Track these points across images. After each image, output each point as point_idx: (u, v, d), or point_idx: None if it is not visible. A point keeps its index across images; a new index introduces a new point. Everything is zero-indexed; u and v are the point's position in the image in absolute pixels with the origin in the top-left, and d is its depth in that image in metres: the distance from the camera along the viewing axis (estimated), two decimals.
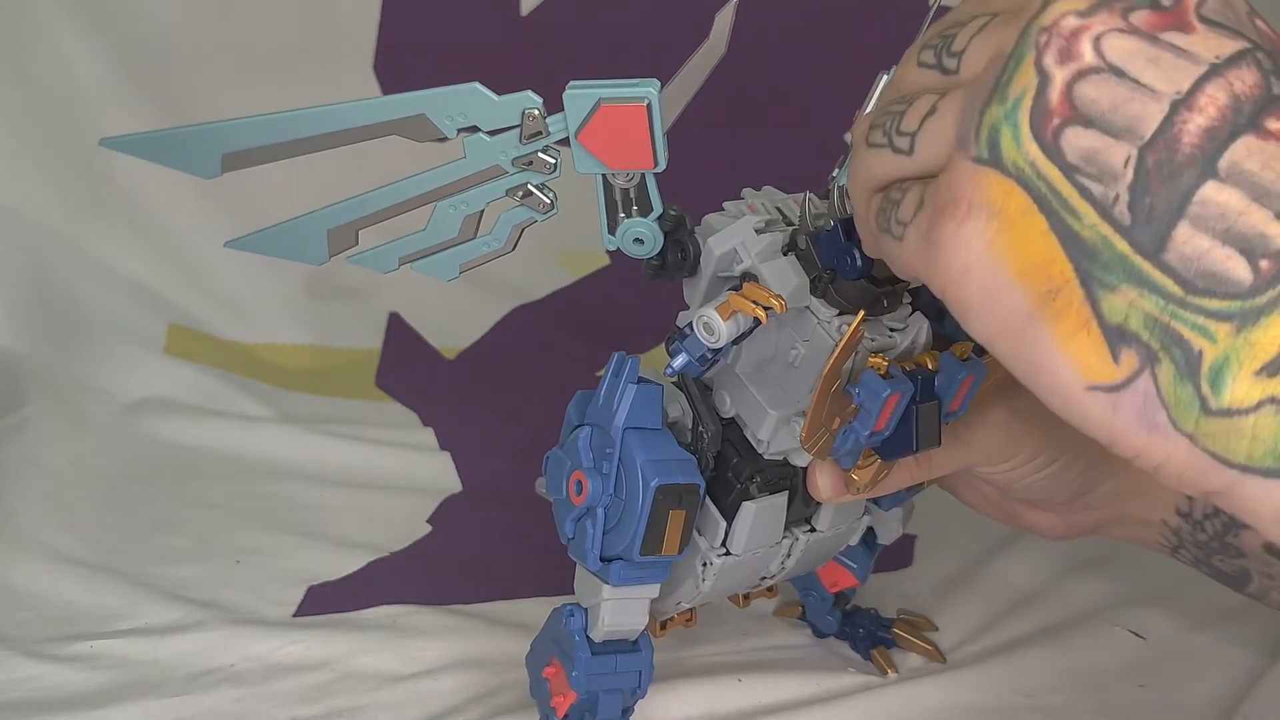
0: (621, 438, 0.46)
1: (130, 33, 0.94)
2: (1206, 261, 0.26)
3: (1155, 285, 0.27)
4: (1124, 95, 0.27)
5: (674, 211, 0.44)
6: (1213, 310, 0.27)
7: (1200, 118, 0.27)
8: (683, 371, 0.44)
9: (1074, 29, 0.28)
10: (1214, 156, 0.26)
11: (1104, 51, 0.27)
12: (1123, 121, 0.27)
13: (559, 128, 0.42)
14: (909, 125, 0.31)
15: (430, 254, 0.46)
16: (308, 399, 0.91)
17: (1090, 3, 0.28)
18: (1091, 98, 0.27)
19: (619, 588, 0.48)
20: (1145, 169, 0.27)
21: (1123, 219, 0.27)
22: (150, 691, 0.58)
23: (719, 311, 0.43)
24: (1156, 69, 0.27)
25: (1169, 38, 0.27)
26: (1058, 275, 0.28)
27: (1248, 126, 0.26)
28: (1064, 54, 0.28)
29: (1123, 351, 0.27)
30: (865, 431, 0.41)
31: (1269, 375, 0.26)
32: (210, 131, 0.42)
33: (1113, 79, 0.27)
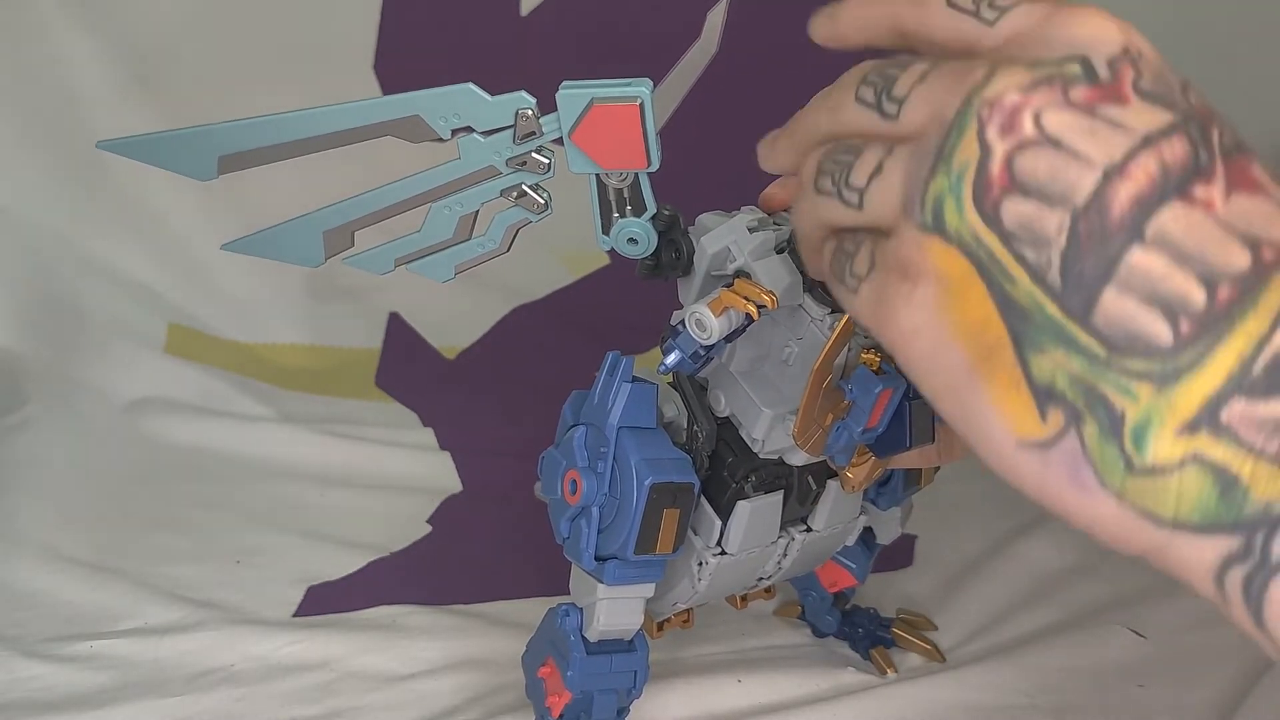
0: (616, 436, 0.46)
1: (131, 33, 0.94)
2: (1131, 323, 0.27)
3: (1081, 347, 0.28)
4: (1060, 164, 0.28)
5: (667, 211, 0.44)
6: (1135, 370, 0.27)
7: (1131, 185, 0.28)
8: (676, 369, 0.44)
9: (1016, 104, 0.29)
10: (1142, 222, 0.27)
11: (1044, 125, 0.28)
12: (1058, 189, 0.28)
13: (552, 128, 0.42)
14: (857, 180, 0.32)
15: (426, 255, 0.46)
16: (308, 399, 0.91)
17: (1032, 78, 0.29)
18: (1030, 168, 0.28)
19: (614, 587, 0.48)
20: (1078, 235, 0.28)
21: (1055, 284, 0.28)
22: (150, 691, 0.58)
23: (711, 308, 0.43)
24: (1092, 139, 0.28)
25: (1106, 111, 0.28)
26: (993, 336, 0.29)
27: (1175, 194, 0.28)
28: (1005, 128, 0.29)
29: (1050, 410, 0.28)
30: (858, 428, 0.41)
31: (1191, 433, 0.27)
32: (205, 134, 0.42)
33: (1050, 149, 0.28)
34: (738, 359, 0.47)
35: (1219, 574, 0.27)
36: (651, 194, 0.43)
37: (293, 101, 0.43)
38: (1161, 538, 0.28)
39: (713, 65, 0.43)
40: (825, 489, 0.51)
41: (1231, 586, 0.27)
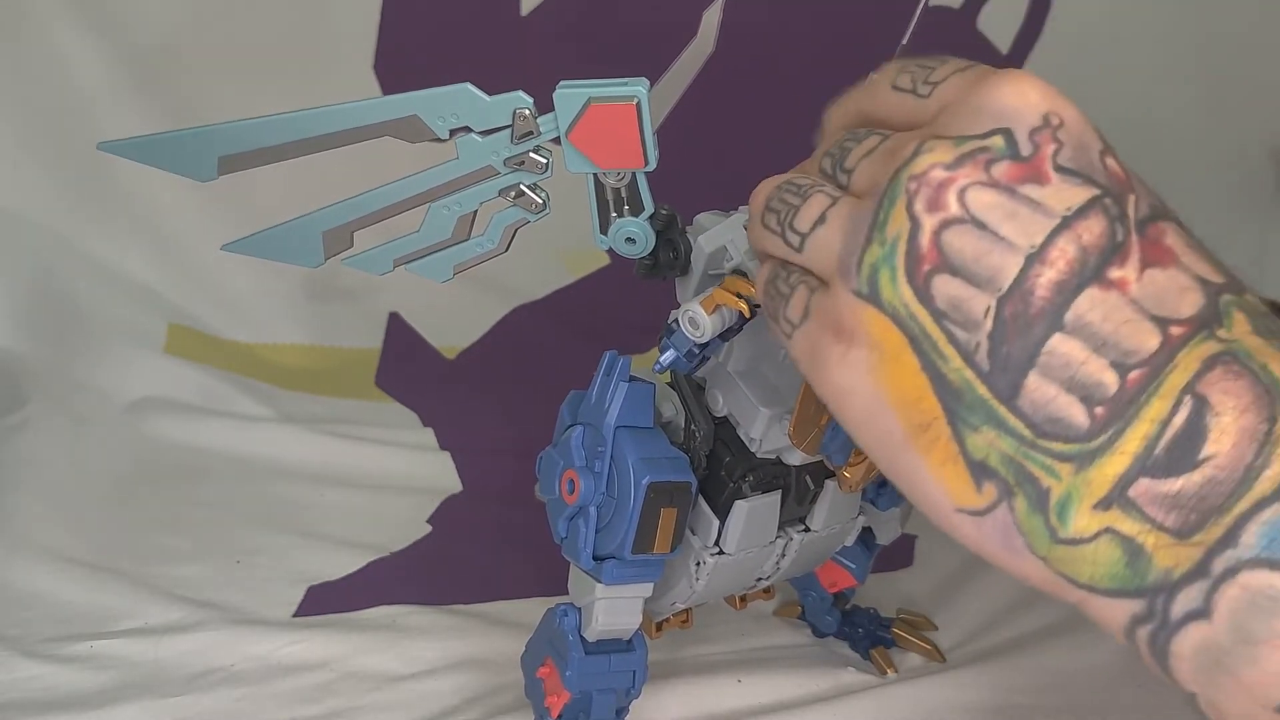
0: (613, 436, 0.46)
1: (131, 33, 0.94)
2: (1052, 408, 0.29)
3: (1010, 428, 0.30)
4: (985, 247, 0.29)
5: (665, 210, 0.44)
6: (1057, 452, 0.29)
7: (1051, 271, 0.29)
8: (672, 367, 0.44)
9: (941, 180, 0.30)
10: (1061, 309, 0.29)
11: (967, 203, 0.30)
12: (984, 273, 0.29)
13: (550, 127, 0.42)
14: (801, 225, 0.33)
15: (424, 255, 0.46)
16: (308, 399, 0.91)
17: (955, 155, 0.30)
18: (957, 248, 0.30)
19: (612, 586, 0.48)
20: (1003, 320, 0.29)
21: (983, 365, 0.30)
22: (150, 691, 0.58)
23: (703, 306, 0.43)
24: (1014, 222, 0.29)
25: (1026, 190, 0.30)
26: (928, 411, 0.30)
27: (1092, 278, 0.29)
28: (932, 203, 0.30)
29: (985, 483, 0.30)
30: None
31: (1104, 509, 0.29)
32: (205, 135, 0.42)
33: (975, 231, 0.30)
34: (735, 358, 0.47)
35: (1129, 630, 0.30)
36: (649, 193, 0.43)
37: (293, 102, 0.43)
38: (1079, 595, 0.30)
39: (710, 64, 0.43)
40: (823, 489, 0.51)
41: (1140, 641, 0.30)
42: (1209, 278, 0.30)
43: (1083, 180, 0.30)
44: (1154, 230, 0.30)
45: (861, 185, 0.32)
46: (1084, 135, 0.31)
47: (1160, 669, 0.30)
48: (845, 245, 0.31)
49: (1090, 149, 0.30)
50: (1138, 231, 0.30)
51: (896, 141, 0.32)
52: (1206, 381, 0.29)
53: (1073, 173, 0.30)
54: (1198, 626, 0.29)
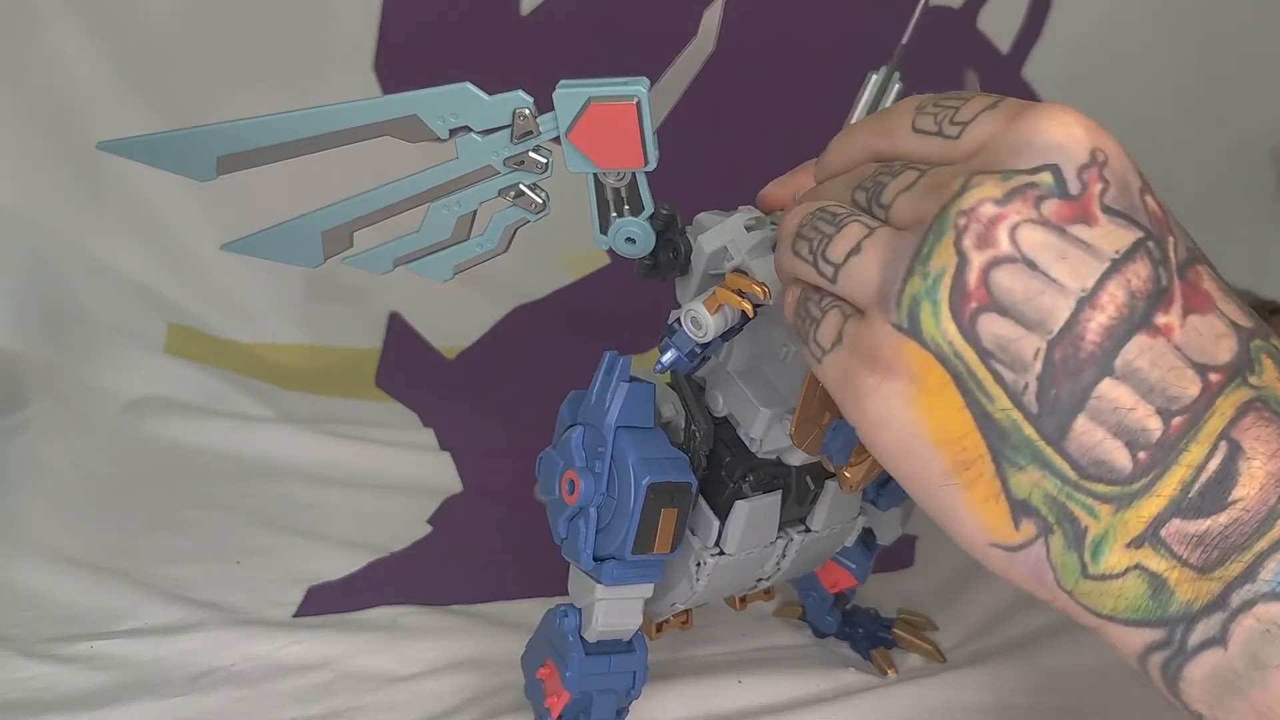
0: (613, 436, 0.46)
1: (130, 33, 0.94)
2: (1098, 451, 0.30)
3: (1055, 469, 0.30)
4: (1036, 288, 0.30)
5: (665, 210, 0.44)
6: (1099, 493, 0.30)
7: (1101, 316, 0.29)
8: (673, 368, 0.44)
9: (991, 216, 0.30)
10: (1111, 354, 0.30)
11: (1019, 242, 0.30)
12: (1034, 314, 0.30)
13: (550, 127, 0.42)
14: (834, 255, 0.33)
15: (424, 255, 0.46)
16: (308, 399, 0.91)
17: (1005, 190, 0.30)
18: (1006, 287, 0.30)
19: (612, 587, 0.48)
20: (1052, 363, 0.30)
21: (1031, 407, 0.30)
22: (150, 692, 0.58)
23: (706, 305, 0.43)
24: (1065, 264, 0.30)
25: (1076, 231, 0.30)
26: (972, 449, 0.31)
27: (1140, 324, 0.30)
28: (981, 240, 0.30)
29: (1024, 521, 0.31)
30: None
31: (1135, 547, 0.30)
32: (204, 134, 0.42)
33: (1026, 270, 0.30)
34: (735, 358, 0.47)
35: (1142, 657, 0.31)
36: (649, 193, 0.43)
37: (292, 101, 0.43)
38: (1098, 623, 0.31)
39: (710, 64, 0.43)
40: (823, 489, 0.51)
41: (1152, 667, 0.31)
42: (1240, 323, 0.31)
43: (1127, 222, 0.30)
44: (1193, 274, 0.31)
45: (904, 218, 0.32)
46: (1126, 174, 0.31)
47: (1169, 691, 0.31)
48: (884, 276, 0.31)
49: (1132, 188, 0.31)
50: (1179, 276, 0.30)
51: (939, 176, 0.32)
52: (1240, 428, 0.30)
53: (1118, 214, 0.30)
54: (1212, 654, 0.30)
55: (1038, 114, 0.31)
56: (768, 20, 0.94)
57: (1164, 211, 0.31)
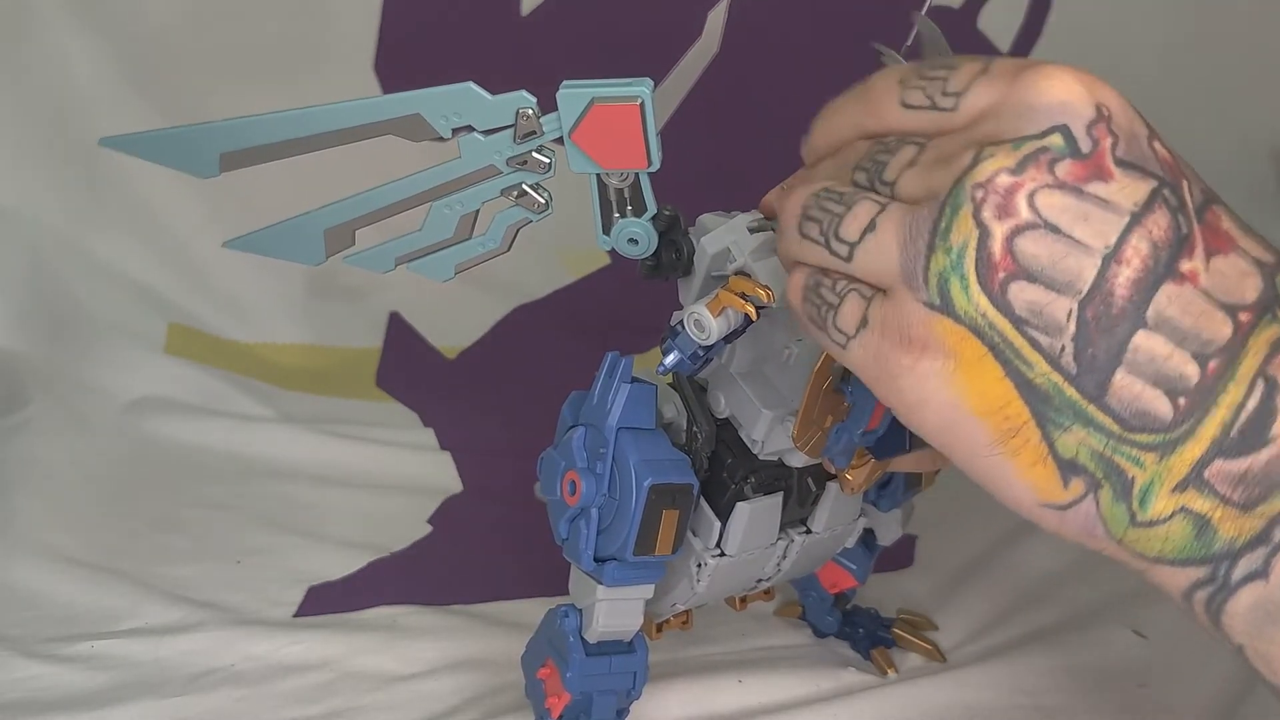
0: (615, 438, 0.46)
1: (130, 32, 0.94)
2: (1139, 402, 0.31)
3: (1099, 425, 0.31)
4: (1061, 251, 0.30)
5: (668, 211, 0.44)
6: (1142, 443, 0.31)
7: (1128, 270, 0.30)
8: (675, 370, 0.44)
9: (1008, 186, 0.30)
10: (1142, 307, 0.30)
11: (1039, 208, 0.30)
12: (1062, 277, 0.30)
13: (553, 127, 0.42)
14: (848, 234, 0.33)
15: (426, 254, 0.46)
16: (308, 399, 0.91)
17: (1019, 159, 0.30)
18: (1032, 253, 0.30)
19: (613, 588, 0.48)
20: (1086, 322, 0.30)
21: (1070, 368, 0.31)
22: (151, 691, 0.58)
23: (709, 308, 0.43)
24: (1087, 224, 0.30)
25: (1093, 189, 0.30)
26: (1016, 416, 0.31)
27: (1166, 274, 0.30)
28: (1001, 209, 0.30)
29: (1072, 480, 0.32)
30: (858, 430, 0.41)
31: (1180, 490, 0.31)
32: (208, 131, 0.42)
33: (1049, 235, 0.30)
34: (738, 360, 0.47)
35: (1187, 594, 0.32)
36: (652, 194, 0.43)
37: (292, 101, 0.43)
38: (1144, 565, 0.32)
39: (715, 65, 0.43)
40: (825, 491, 0.51)
41: (1196, 603, 0.32)
42: (1262, 259, 0.31)
43: (1141, 172, 0.30)
44: (1211, 216, 0.31)
45: (912, 193, 0.32)
46: (1133, 123, 0.31)
47: (1211, 624, 0.32)
48: (904, 253, 0.32)
49: (1140, 137, 0.31)
50: (1198, 219, 0.31)
51: (944, 149, 0.32)
52: (1275, 364, 0.30)
53: (1131, 165, 0.30)
54: (1254, 587, 0.31)
55: (1036, 74, 0.31)
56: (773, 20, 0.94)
57: (1174, 156, 0.31)
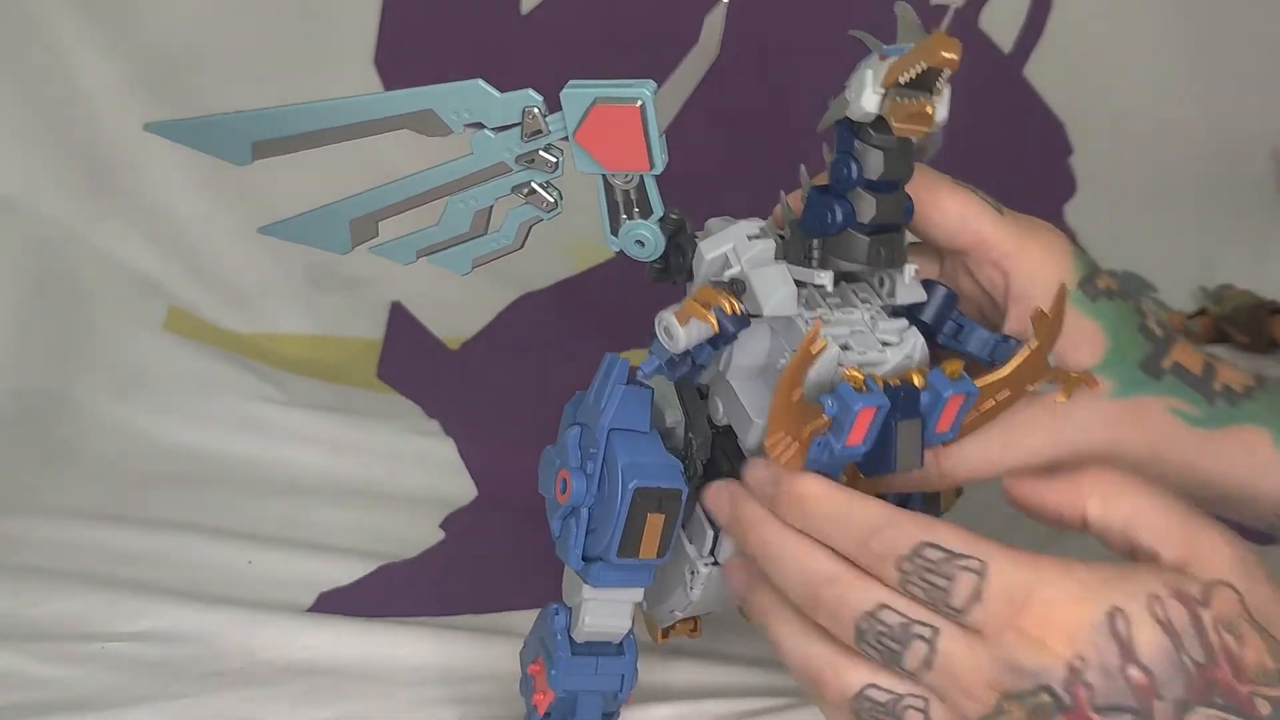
0: (606, 438, 0.46)
1: (133, 26, 0.94)
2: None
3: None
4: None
5: (675, 215, 0.44)
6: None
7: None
8: (657, 375, 0.44)
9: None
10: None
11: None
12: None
13: (558, 127, 0.42)
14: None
15: (445, 248, 0.46)
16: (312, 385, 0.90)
17: (1026, 713, 0.38)
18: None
19: (599, 589, 0.48)
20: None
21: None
22: (160, 693, 0.58)
23: (677, 317, 0.43)
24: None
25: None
26: None
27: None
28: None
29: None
30: (839, 444, 0.41)
31: None
32: (243, 120, 0.43)
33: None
34: (734, 368, 0.46)
35: None
36: (659, 196, 0.43)
37: (292, 93, 0.45)
38: None
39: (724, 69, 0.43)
40: None
41: None
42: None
43: (1115, 710, 0.37)
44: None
45: (945, 694, 0.40)
46: (1105, 659, 0.37)
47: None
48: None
49: (1113, 672, 0.37)
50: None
51: (963, 680, 0.39)
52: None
53: (1106, 709, 0.37)
54: None
55: (1020, 639, 0.38)
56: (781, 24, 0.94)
57: (1148, 675, 0.37)
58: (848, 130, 0.42)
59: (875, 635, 0.40)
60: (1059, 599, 0.38)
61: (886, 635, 0.40)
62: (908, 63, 0.39)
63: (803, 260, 0.44)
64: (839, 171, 0.43)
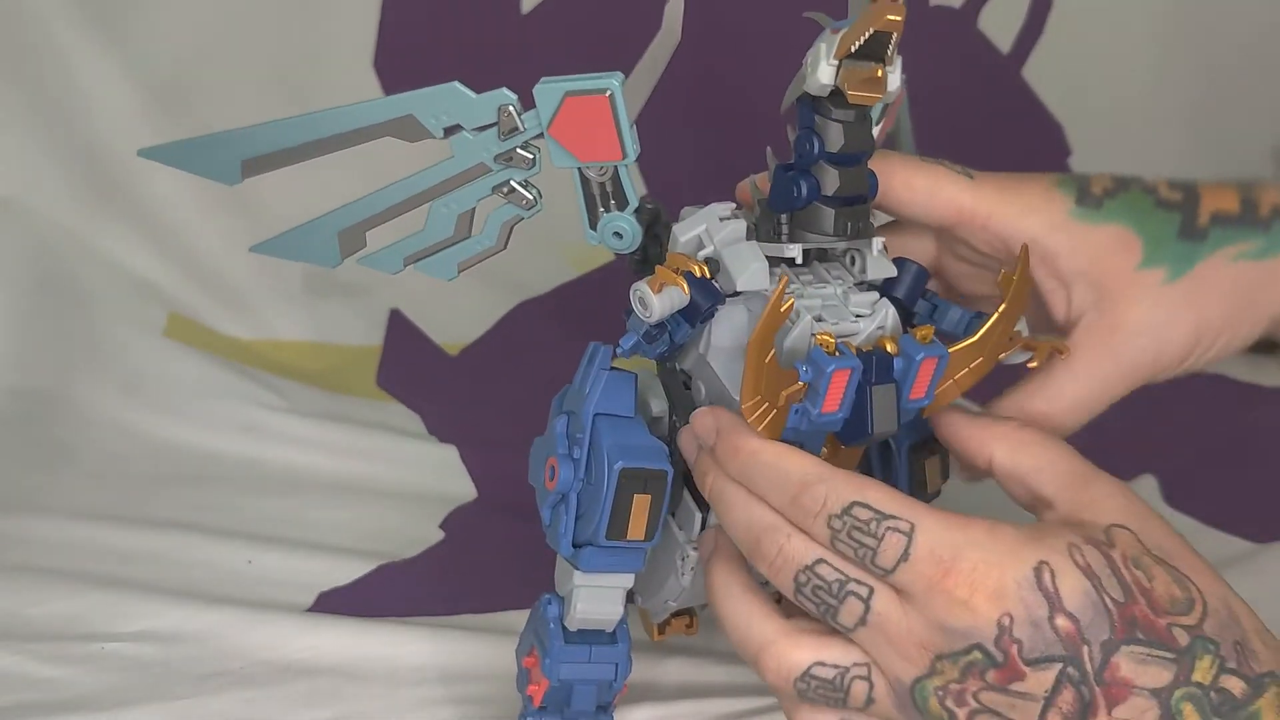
0: (592, 423, 0.46)
1: (135, 31, 0.95)
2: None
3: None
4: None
5: (650, 205, 0.45)
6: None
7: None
8: (635, 352, 0.45)
9: (959, 691, 0.39)
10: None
11: (982, 700, 0.39)
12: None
13: (533, 123, 0.43)
14: (846, 621, 0.42)
15: (431, 254, 0.47)
16: (313, 398, 0.90)
17: (959, 671, 0.39)
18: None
19: (590, 574, 0.48)
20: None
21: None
22: (160, 693, 0.58)
23: (650, 285, 0.43)
24: (1015, 710, 0.39)
25: (1014, 686, 0.38)
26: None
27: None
28: (958, 700, 0.39)
29: None
30: (815, 410, 0.41)
31: None
32: (226, 139, 0.44)
33: (993, 717, 0.39)
34: (713, 349, 0.47)
35: None
36: (633, 187, 0.44)
37: (291, 97, 0.45)
38: None
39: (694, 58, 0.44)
40: None
41: None
42: (1159, 685, 0.38)
43: (1047, 662, 0.38)
44: (1110, 671, 0.38)
45: (885, 665, 0.41)
46: (1034, 612, 0.38)
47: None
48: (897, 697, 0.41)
49: (1041, 623, 0.38)
50: (1098, 682, 0.38)
51: (897, 640, 0.40)
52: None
53: (1037, 660, 0.38)
54: None
55: (949, 599, 0.39)
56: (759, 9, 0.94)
57: (1075, 622, 0.38)
58: (808, 107, 0.44)
59: (812, 589, 0.41)
60: (986, 560, 0.39)
61: (823, 590, 0.41)
62: (856, 31, 0.40)
63: (772, 237, 0.45)
64: (802, 147, 0.44)
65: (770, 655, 0.43)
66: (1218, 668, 0.38)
